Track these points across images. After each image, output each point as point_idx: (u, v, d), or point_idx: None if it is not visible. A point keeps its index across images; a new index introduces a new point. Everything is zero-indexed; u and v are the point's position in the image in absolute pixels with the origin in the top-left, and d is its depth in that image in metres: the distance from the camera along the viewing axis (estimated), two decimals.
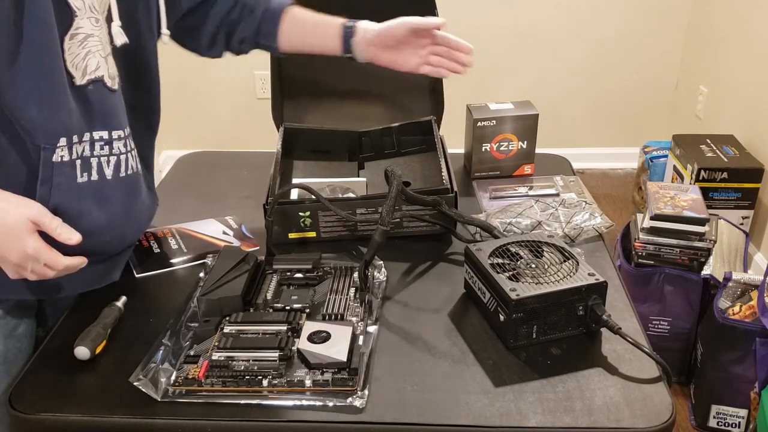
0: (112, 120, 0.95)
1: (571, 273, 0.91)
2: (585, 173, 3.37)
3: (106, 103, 0.94)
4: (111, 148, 0.95)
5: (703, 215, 1.87)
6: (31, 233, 0.83)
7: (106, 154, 0.95)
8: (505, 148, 1.36)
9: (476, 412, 0.80)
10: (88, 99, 0.92)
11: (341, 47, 1.14)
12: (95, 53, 0.91)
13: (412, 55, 1.13)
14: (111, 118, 0.95)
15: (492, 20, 3.19)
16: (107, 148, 0.95)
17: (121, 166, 0.97)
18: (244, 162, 1.45)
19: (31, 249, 0.83)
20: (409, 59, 1.13)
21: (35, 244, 0.84)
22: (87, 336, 0.89)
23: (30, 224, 0.83)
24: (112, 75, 0.95)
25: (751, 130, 2.57)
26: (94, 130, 0.93)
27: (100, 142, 0.94)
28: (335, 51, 1.15)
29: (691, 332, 1.95)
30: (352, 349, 0.86)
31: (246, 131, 3.44)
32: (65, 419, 0.81)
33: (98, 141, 0.94)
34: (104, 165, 0.95)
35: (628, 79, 3.29)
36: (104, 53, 0.93)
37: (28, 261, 0.84)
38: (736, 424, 1.84)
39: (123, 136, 0.97)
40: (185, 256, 1.12)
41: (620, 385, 0.84)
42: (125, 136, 0.98)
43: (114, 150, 0.96)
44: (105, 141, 0.94)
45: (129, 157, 0.99)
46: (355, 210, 1.12)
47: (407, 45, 1.12)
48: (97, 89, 0.92)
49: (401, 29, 1.10)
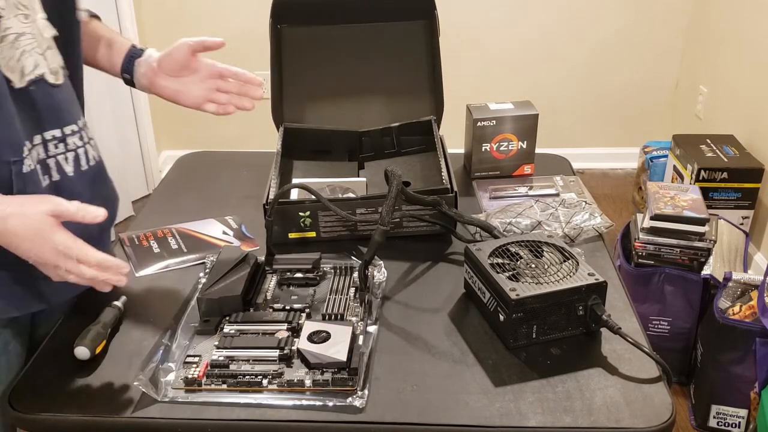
0: (63, 116, 0.92)
1: (571, 273, 0.91)
2: (585, 173, 3.37)
3: (52, 101, 0.90)
4: (66, 145, 0.93)
5: (703, 215, 1.87)
6: (55, 228, 0.82)
7: (63, 152, 0.92)
8: (505, 148, 1.36)
9: (476, 412, 0.80)
10: (33, 100, 0.88)
11: (121, 64, 1.09)
12: (30, 51, 0.87)
13: (196, 88, 1.08)
14: (61, 114, 0.92)
15: (492, 20, 3.19)
16: (62, 146, 0.92)
17: (81, 159, 0.95)
18: (244, 162, 1.45)
19: (61, 245, 0.82)
20: (193, 91, 1.09)
21: (62, 238, 0.82)
22: (87, 336, 0.89)
23: (51, 219, 0.81)
24: (54, 70, 0.91)
25: (751, 130, 2.57)
26: (45, 130, 0.90)
27: (54, 141, 0.91)
28: (115, 67, 1.10)
29: (691, 332, 1.95)
30: (352, 349, 0.86)
31: (246, 131, 3.44)
32: (65, 419, 0.81)
33: (51, 141, 0.91)
34: (63, 163, 0.93)
35: (628, 79, 3.29)
36: (41, 49, 0.89)
37: (61, 258, 0.82)
38: (736, 424, 1.84)
39: (77, 129, 0.94)
40: (185, 256, 1.12)
41: (620, 385, 0.84)
42: (80, 129, 0.95)
43: (70, 146, 0.93)
44: (58, 139, 0.92)
45: (88, 149, 0.96)
46: (355, 210, 1.12)
47: (191, 74, 1.08)
48: (40, 88, 0.89)
49: (181, 50, 1.06)
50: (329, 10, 1.36)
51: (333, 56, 1.38)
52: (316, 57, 1.38)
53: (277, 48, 1.35)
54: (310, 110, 1.39)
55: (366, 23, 1.37)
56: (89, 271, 0.83)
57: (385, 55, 1.38)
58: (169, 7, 3.21)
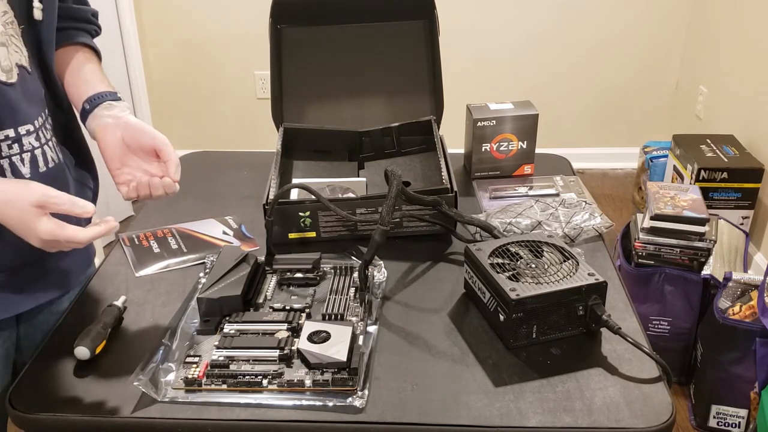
0: (17, 115, 0.89)
1: (571, 273, 0.91)
2: (585, 173, 3.37)
3: (3, 100, 0.88)
4: (21, 145, 0.91)
5: (703, 215, 1.87)
6: (39, 217, 0.81)
7: (17, 152, 0.90)
8: (505, 148, 1.36)
9: (476, 412, 0.80)
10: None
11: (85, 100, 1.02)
12: None
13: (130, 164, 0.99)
14: (14, 113, 0.89)
15: (492, 20, 3.19)
16: (16, 146, 0.90)
17: (38, 160, 0.93)
18: (244, 162, 1.45)
19: (45, 234, 0.81)
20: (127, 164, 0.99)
21: (47, 228, 0.81)
22: (87, 336, 0.89)
23: (35, 209, 0.81)
24: (6, 68, 0.88)
25: (751, 130, 2.57)
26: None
27: (7, 141, 0.89)
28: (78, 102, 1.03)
29: (691, 332, 1.95)
30: (352, 349, 0.86)
31: (246, 131, 3.44)
32: (65, 419, 0.81)
33: (4, 141, 0.89)
34: (18, 164, 0.91)
35: (628, 79, 3.29)
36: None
37: (47, 245, 0.83)
38: (736, 424, 1.84)
39: (33, 130, 0.92)
40: (185, 256, 1.12)
41: (620, 385, 0.84)
42: (36, 129, 0.93)
43: (26, 146, 0.91)
44: (12, 139, 0.89)
45: (46, 150, 0.94)
46: (355, 210, 1.12)
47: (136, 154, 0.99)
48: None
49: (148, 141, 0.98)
50: (329, 10, 1.36)
51: (333, 56, 1.38)
52: (316, 57, 1.38)
53: (277, 48, 1.35)
54: (310, 110, 1.39)
55: (366, 23, 1.37)
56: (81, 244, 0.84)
57: (385, 55, 1.38)
58: (169, 7, 3.21)
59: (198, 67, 3.33)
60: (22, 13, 0.92)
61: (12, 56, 0.89)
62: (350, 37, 1.37)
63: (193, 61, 3.31)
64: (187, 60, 3.31)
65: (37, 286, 0.99)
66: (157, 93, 3.36)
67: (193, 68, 3.33)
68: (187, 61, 3.32)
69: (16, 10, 0.91)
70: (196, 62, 3.32)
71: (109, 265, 1.10)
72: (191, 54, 3.30)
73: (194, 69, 3.32)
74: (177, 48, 3.29)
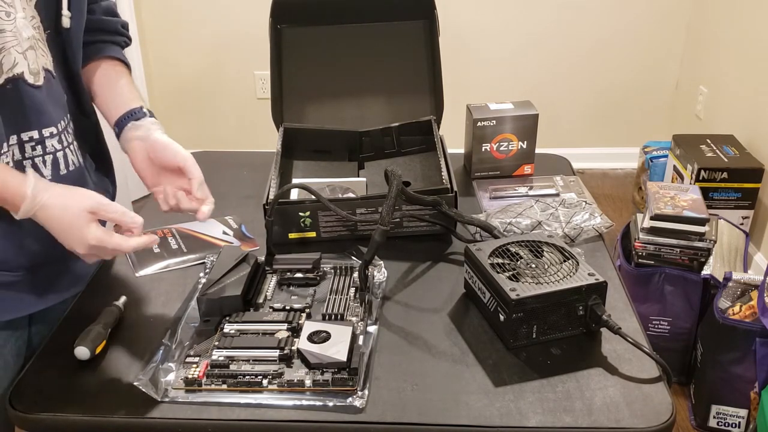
0: (41, 117, 0.91)
1: (571, 273, 0.91)
2: (585, 173, 3.37)
3: (30, 101, 0.89)
4: (44, 147, 0.92)
5: (703, 215, 1.87)
6: (89, 223, 0.84)
7: (40, 154, 0.92)
8: (505, 148, 1.36)
9: (476, 412, 0.80)
10: (8, 99, 0.87)
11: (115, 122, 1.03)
12: (10, 50, 0.86)
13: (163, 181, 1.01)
14: (39, 115, 0.90)
15: (492, 20, 3.19)
16: (40, 148, 0.91)
17: (59, 163, 0.94)
18: (244, 162, 1.45)
19: (93, 240, 0.84)
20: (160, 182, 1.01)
21: (96, 234, 0.84)
22: (87, 336, 0.89)
23: (88, 215, 0.84)
24: (35, 70, 0.89)
25: (751, 130, 2.57)
26: (22, 131, 0.89)
27: (31, 143, 0.90)
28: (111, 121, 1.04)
29: (691, 332, 1.95)
30: (352, 349, 0.86)
31: (246, 131, 3.44)
32: (65, 419, 0.81)
33: (28, 142, 0.90)
34: (41, 166, 0.92)
35: (628, 79, 3.29)
36: (21, 48, 0.87)
37: (93, 250, 0.85)
38: (736, 424, 1.84)
39: (56, 132, 0.93)
40: (185, 256, 1.12)
41: (620, 385, 0.84)
42: (59, 132, 0.94)
43: (48, 148, 0.92)
44: (36, 141, 0.91)
45: (67, 153, 0.95)
46: (355, 210, 1.12)
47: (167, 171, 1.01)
48: (17, 88, 0.87)
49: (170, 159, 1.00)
50: (329, 10, 1.36)
51: (333, 56, 1.38)
52: (316, 57, 1.38)
53: (277, 48, 1.35)
54: (310, 110, 1.39)
55: (366, 23, 1.37)
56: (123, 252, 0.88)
57: (385, 55, 1.38)
58: (169, 7, 3.21)
59: (198, 67, 3.33)
60: (49, 18, 0.93)
61: (39, 60, 0.91)
62: (350, 37, 1.37)
63: (193, 61, 3.31)
64: (187, 60, 3.31)
65: (51, 287, 1.00)
66: (157, 93, 3.36)
67: (193, 68, 3.33)
68: (187, 61, 3.32)
69: (42, 14, 0.92)
70: (196, 62, 3.32)
71: (110, 265, 1.10)
72: (191, 54, 3.30)
73: (194, 69, 3.32)
74: (177, 48, 3.29)
